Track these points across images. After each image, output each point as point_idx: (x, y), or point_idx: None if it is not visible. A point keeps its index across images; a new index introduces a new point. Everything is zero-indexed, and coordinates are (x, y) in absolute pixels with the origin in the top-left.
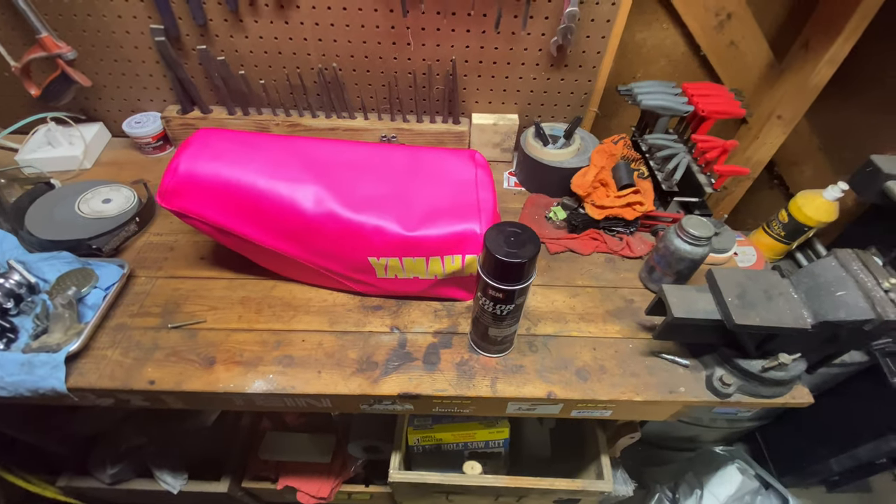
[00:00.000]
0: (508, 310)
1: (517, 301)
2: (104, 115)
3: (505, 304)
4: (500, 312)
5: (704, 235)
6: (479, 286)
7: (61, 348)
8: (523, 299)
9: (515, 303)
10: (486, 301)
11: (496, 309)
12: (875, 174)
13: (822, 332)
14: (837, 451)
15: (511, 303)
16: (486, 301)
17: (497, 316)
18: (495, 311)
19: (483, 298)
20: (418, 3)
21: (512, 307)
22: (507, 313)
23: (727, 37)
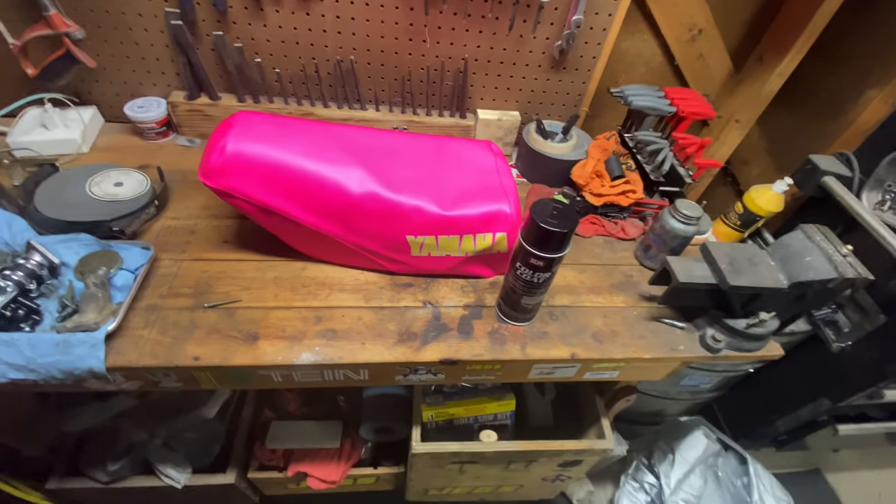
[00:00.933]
0: (545, 278)
1: (554, 269)
2: (99, 98)
3: (543, 273)
4: (537, 280)
5: (695, 216)
6: (519, 257)
7: (99, 327)
8: (557, 268)
9: (552, 271)
10: (524, 270)
11: (535, 277)
12: (813, 171)
13: (795, 291)
14: (782, 414)
15: (549, 271)
16: (525, 270)
17: (533, 284)
18: (533, 279)
19: (522, 268)
20: (440, 3)
21: (549, 275)
22: (542, 281)
23: (697, 49)
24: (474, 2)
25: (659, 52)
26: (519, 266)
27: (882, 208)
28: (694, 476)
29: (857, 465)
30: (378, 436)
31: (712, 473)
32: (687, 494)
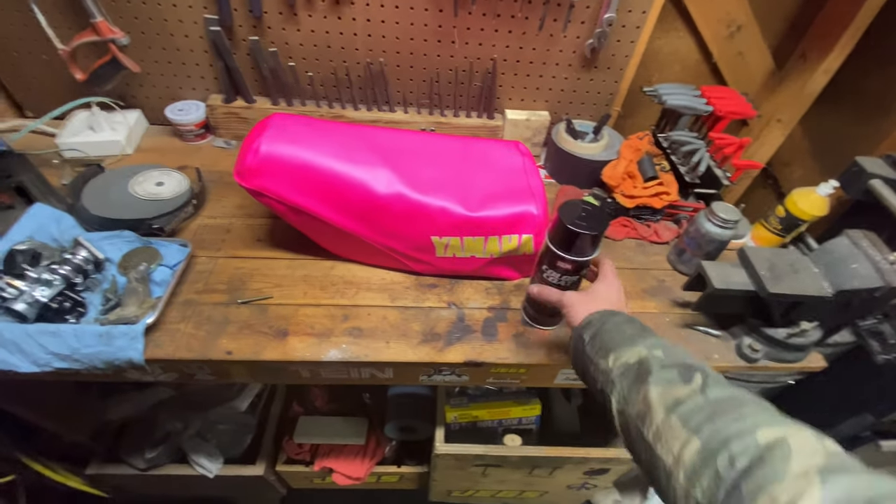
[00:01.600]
0: (572, 281)
1: (582, 273)
2: (143, 101)
3: (570, 276)
4: (564, 284)
5: (733, 219)
6: (546, 260)
7: (139, 320)
8: (586, 271)
9: (580, 274)
10: (551, 273)
11: (562, 280)
12: (860, 174)
13: (839, 300)
14: (823, 429)
15: (576, 275)
16: (552, 273)
17: (561, 287)
18: (560, 282)
19: (549, 271)
20: (468, 4)
21: (576, 279)
22: (570, 284)
23: (736, 46)
24: (504, 2)
25: (695, 49)
26: (545, 269)
27: None
28: None
29: None
30: (402, 434)
31: None
32: None
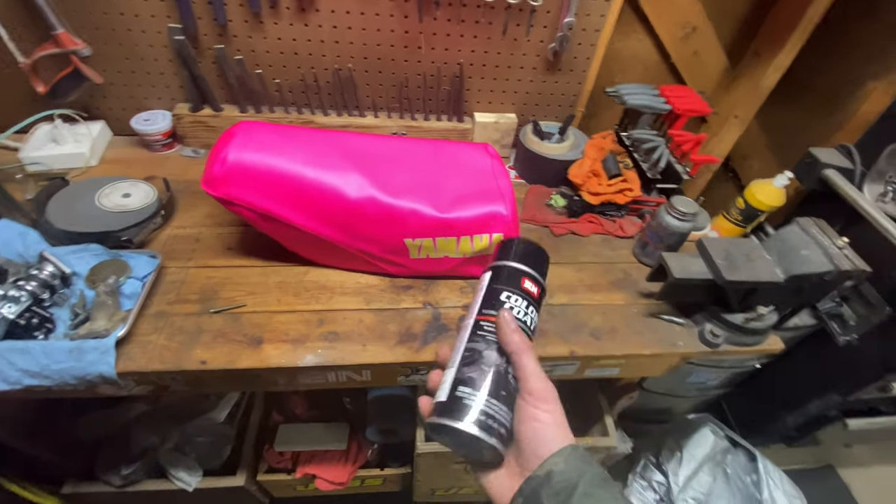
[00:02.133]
0: (534, 322)
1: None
2: (107, 112)
3: (535, 308)
4: (527, 325)
5: (691, 211)
6: (504, 283)
7: (110, 333)
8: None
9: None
10: (515, 303)
11: (526, 317)
12: (814, 164)
13: (791, 284)
14: (791, 410)
15: (538, 307)
16: (517, 302)
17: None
18: (525, 321)
19: (514, 297)
20: (433, 10)
21: (536, 317)
22: (531, 327)
23: (692, 47)
24: (467, 8)
25: (654, 50)
26: (506, 297)
27: (884, 200)
28: (702, 474)
29: (871, 461)
30: (384, 437)
31: (721, 471)
32: (696, 492)
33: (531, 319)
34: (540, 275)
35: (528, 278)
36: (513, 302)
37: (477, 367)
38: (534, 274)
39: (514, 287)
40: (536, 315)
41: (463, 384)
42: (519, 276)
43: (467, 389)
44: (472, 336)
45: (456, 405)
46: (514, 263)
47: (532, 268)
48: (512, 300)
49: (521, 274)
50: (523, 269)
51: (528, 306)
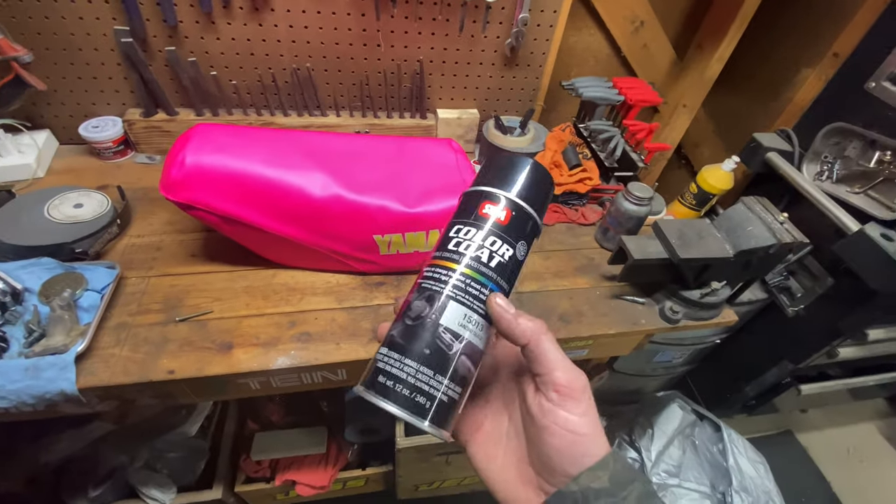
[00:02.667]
0: (514, 261)
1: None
2: (52, 121)
3: (508, 245)
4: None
5: (646, 196)
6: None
7: (68, 349)
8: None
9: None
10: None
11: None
12: (758, 148)
13: (740, 259)
14: (750, 380)
15: (523, 242)
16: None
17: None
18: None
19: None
20: (390, 8)
21: (518, 257)
22: (509, 271)
23: (641, 40)
24: (424, 5)
25: (606, 44)
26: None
27: (821, 178)
28: (673, 447)
29: (825, 424)
30: (364, 437)
31: (690, 443)
32: (668, 465)
33: (496, 256)
34: (509, 191)
35: (489, 200)
36: (462, 235)
37: (401, 321)
38: (496, 192)
39: (467, 216)
40: (511, 250)
41: (383, 344)
42: (475, 200)
43: (385, 350)
44: (414, 285)
45: (372, 370)
46: (472, 188)
47: (495, 185)
48: (461, 234)
49: (478, 197)
50: (480, 189)
51: (490, 238)
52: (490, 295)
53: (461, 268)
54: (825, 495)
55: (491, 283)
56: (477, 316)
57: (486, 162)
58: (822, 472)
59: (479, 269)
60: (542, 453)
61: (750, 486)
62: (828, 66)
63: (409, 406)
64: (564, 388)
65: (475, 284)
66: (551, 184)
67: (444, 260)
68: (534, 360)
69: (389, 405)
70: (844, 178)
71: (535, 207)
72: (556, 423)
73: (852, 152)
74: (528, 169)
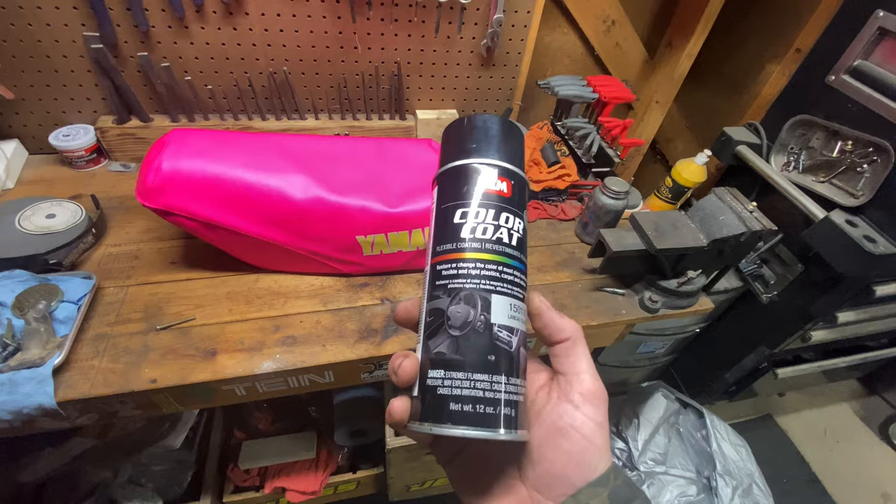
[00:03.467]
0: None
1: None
2: (21, 130)
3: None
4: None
5: (623, 190)
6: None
7: (45, 361)
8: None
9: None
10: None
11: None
12: (728, 142)
13: (714, 248)
14: (729, 367)
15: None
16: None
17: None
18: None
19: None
20: (365, 10)
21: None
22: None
23: (613, 39)
24: (399, 7)
25: (579, 44)
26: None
27: (788, 169)
28: (659, 436)
29: (802, 406)
30: (353, 440)
31: (675, 431)
32: (654, 454)
33: (514, 233)
34: (501, 160)
35: (485, 174)
36: (471, 219)
37: (444, 334)
38: (489, 163)
39: (467, 196)
40: (522, 222)
41: (434, 366)
42: (469, 176)
43: (439, 373)
44: (432, 289)
45: (431, 400)
46: (457, 164)
47: (483, 154)
48: (470, 217)
49: (472, 173)
50: (469, 163)
51: (504, 215)
52: (531, 292)
53: (489, 255)
54: (805, 475)
55: (517, 263)
56: (519, 302)
57: (459, 130)
58: (801, 453)
59: (504, 252)
60: (547, 460)
61: (733, 469)
62: (790, 61)
63: (499, 424)
64: (589, 393)
65: (507, 269)
66: (522, 136)
67: (461, 252)
68: (567, 356)
69: (480, 431)
70: (810, 167)
71: (523, 168)
72: (573, 425)
73: (816, 143)
74: (510, 131)
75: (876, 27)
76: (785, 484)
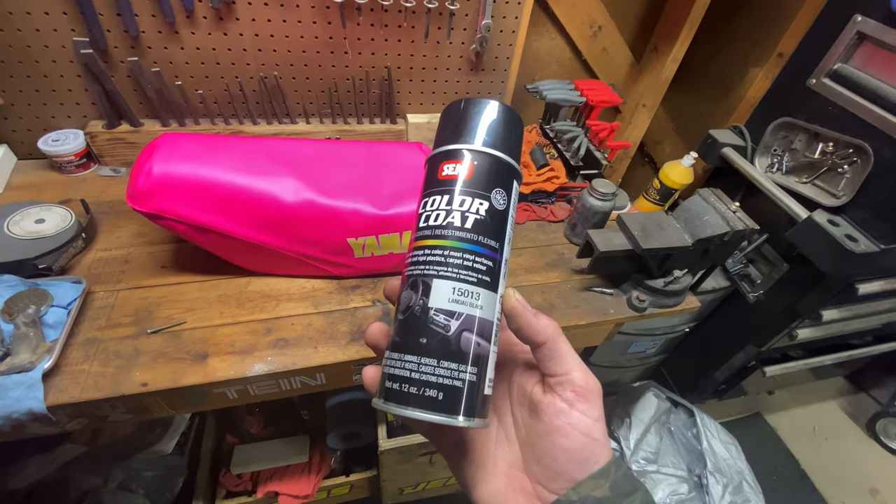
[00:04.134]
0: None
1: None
2: (9, 135)
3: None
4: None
5: (610, 192)
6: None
7: (35, 366)
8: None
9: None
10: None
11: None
12: (714, 144)
13: (698, 247)
14: (719, 365)
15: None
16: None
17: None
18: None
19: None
20: (355, 16)
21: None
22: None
23: (600, 44)
24: (389, 13)
25: (567, 49)
26: (434, 204)
27: (772, 170)
28: (650, 435)
29: (791, 404)
30: (346, 442)
31: (666, 430)
32: (646, 452)
33: (470, 215)
34: (468, 142)
35: (447, 159)
36: (429, 208)
37: (395, 319)
38: (452, 148)
39: (431, 185)
40: (486, 203)
41: (388, 347)
42: (435, 164)
43: (389, 354)
44: (401, 280)
45: (382, 378)
46: (431, 153)
47: (452, 140)
48: (428, 206)
49: (438, 160)
50: (438, 151)
51: (459, 199)
52: (507, 290)
53: (437, 241)
54: (794, 472)
55: (472, 246)
56: (467, 286)
57: (440, 121)
58: (790, 451)
59: (455, 236)
60: (548, 457)
61: (724, 467)
62: (773, 65)
63: (426, 405)
64: (582, 389)
65: (454, 253)
66: (511, 116)
67: (419, 240)
68: (550, 359)
69: (405, 410)
70: (793, 169)
71: (502, 149)
72: (570, 423)
73: (798, 145)
74: (479, 111)
75: (855, 31)
76: (775, 481)
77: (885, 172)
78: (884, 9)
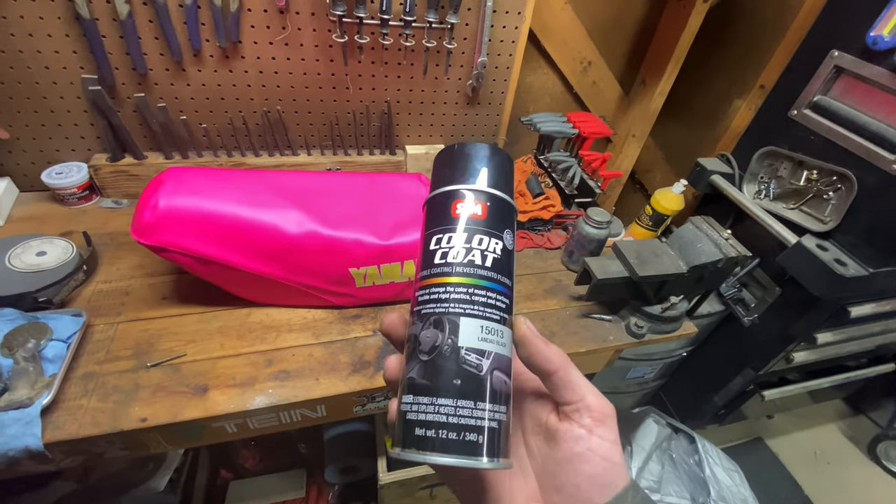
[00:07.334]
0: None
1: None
2: (13, 168)
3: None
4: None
5: (605, 220)
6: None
7: (34, 402)
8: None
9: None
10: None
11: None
12: (702, 172)
13: (693, 274)
14: (717, 390)
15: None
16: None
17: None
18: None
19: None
20: (357, 54)
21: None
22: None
23: (590, 78)
24: (389, 51)
25: (559, 83)
26: (439, 238)
27: (760, 197)
28: (652, 462)
29: (791, 428)
30: (344, 476)
31: (668, 457)
32: (648, 481)
33: (489, 254)
34: (477, 183)
35: (459, 199)
36: (444, 244)
37: (415, 359)
38: (464, 188)
39: (444, 222)
40: (500, 242)
41: (406, 391)
42: (446, 202)
43: (409, 398)
44: (412, 316)
45: (401, 424)
46: (437, 191)
47: (461, 181)
48: (443, 243)
49: (448, 198)
50: (447, 190)
51: (476, 238)
52: (517, 318)
53: (458, 278)
54: (798, 498)
55: (493, 284)
56: (493, 324)
57: (440, 160)
58: (793, 476)
59: (476, 274)
60: (570, 484)
61: (727, 495)
62: (756, 96)
63: (461, 450)
64: (598, 414)
65: (479, 291)
66: (510, 161)
67: (435, 277)
68: (563, 388)
69: (439, 457)
70: (780, 195)
71: (506, 191)
72: (590, 449)
73: (784, 172)
74: (486, 155)
75: (832, 66)
76: None
77: (869, 198)
78: (859, 44)
